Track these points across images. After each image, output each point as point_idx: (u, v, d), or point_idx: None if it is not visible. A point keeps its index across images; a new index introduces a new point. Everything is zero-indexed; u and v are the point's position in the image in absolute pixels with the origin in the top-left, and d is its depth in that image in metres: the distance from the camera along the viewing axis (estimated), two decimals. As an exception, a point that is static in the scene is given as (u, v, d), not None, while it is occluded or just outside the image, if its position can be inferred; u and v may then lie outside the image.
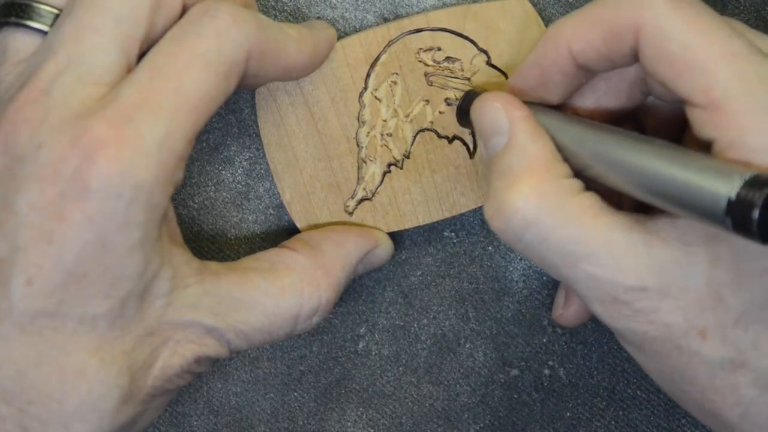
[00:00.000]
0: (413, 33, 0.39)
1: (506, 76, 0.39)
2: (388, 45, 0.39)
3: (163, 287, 0.32)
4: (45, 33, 0.33)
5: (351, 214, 0.40)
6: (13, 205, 0.30)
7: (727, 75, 0.29)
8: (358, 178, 0.40)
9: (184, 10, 0.33)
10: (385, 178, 0.40)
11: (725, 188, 0.27)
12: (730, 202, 0.27)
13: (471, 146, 0.40)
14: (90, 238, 0.30)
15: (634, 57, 0.32)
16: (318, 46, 0.36)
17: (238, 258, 0.38)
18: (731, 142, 0.29)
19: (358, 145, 0.40)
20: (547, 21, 0.40)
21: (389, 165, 0.40)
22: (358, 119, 0.39)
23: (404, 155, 0.40)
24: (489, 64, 0.39)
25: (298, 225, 0.40)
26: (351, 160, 0.40)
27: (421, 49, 0.39)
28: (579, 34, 0.32)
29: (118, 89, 0.31)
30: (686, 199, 0.28)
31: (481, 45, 0.39)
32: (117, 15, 0.32)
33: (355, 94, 0.39)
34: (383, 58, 0.39)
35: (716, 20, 0.30)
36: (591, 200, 0.32)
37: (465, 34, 0.39)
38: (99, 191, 0.30)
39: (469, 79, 0.39)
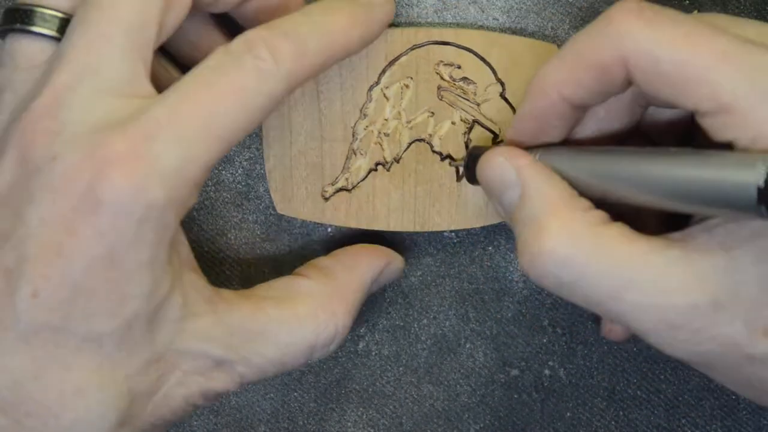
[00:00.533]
0: (439, 44, 0.39)
1: (515, 112, 0.39)
2: (412, 48, 0.39)
3: (173, 313, 0.32)
4: (51, 38, 0.32)
5: (327, 200, 0.40)
6: (25, 215, 0.30)
7: (726, 75, 0.29)
8: (344, 167, 0.40)
9: (194, 5, 0.33)
10: (369, 175, 0.40)
11: (752, 177, 0.27)
12: (759, 190, 0.27)
13: (461, 170, 0.40)
14: (99, 253, 0.30)
15: (628, 83, 0.31)
16: (370, 30, 0.35)
17: (238, 259, 0.38)
18: (752, 138, 0.28)
19: (353, 135, 0.39)
20: (547, 24, 0.40)
21: (377, 164, 0.40)
22: (361, 111, 0.39)
23: (395, 158, 0.40)
24: (502, 96, 0.39)
25: (273, 195, 0.40)
26: (342, 148, 0.39)
27: (441, 62, 0.39)
28: (567, 79, 0.32)
29: (146, 107, 0.31)
30: (717, 197, 0.28)
31: (500, 75, 0.39)
32: (128, 21, 0.31)
33: (365, 86, 0.39)
34: (403, 59, 0.39)
35: (695, 25, 0.30)
36: (621, 228, 0.31)
37: (488, 60, 0.39)
38: (111, 206, 0.29)
39: (478, 105, 0.39)
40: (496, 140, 0.39)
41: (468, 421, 0.43)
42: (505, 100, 0.39)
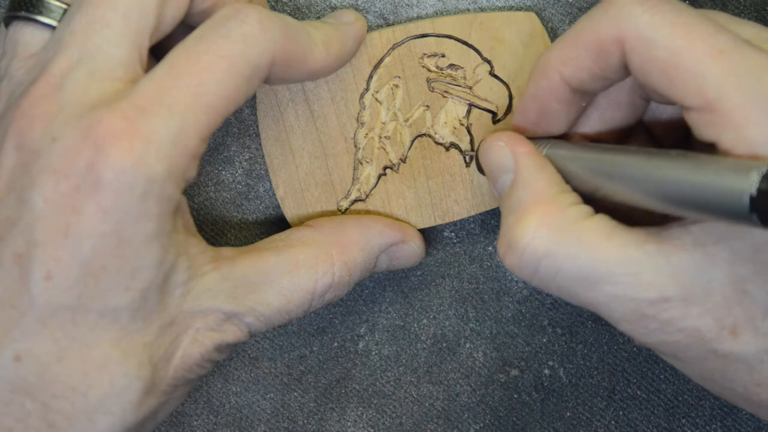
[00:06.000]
0: (418, 38, 0.39)
1: (508, 87, 0.39)
2: (393, 48, 0.39)
3: (180, 277, 0.33)
4: (54, 28, 0.33)
5: (344, 213, 0.40)
6: (29, 200, 0.30)
7: (717, 73, 0.29)
8: (353, 179, 0.40)
9: (191, 2, 0.33)
10: (380, 181, 0.40)
11: (745, 185, 0.27)
12: (752, 198, 0.27)
13: (467, 155, 0.40)
14: (106, 230, 0.30)
15: (625, 70, 0.32)
16: (345, 47, 0.36)
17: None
18: (733, 141, 0.29)
19: (355, 146, 0.40)
20: (547, 24, 0.40)
21: (385, 168, 0.40)
22: (357, 120, 0.39)
23: (401, 159, 0.40)
24: (492, 74, 0.39)
25: (289, 220, 0.40)
26: (347, 160, 0.40)
27: (425, 54, 0.39)
28: (567, 59, 0.32)
29: (136, 84, 0.31)
30: (709, 203, 0.28)
31: (485, 55, 0.39)
32: (126, 8, 0.32)
33: (356, 95, 0.39)
34: (387, 60, 0.39)
35: (697, 18, 0.30)
36: (601, 222, 0.32)
37: (470, 42, 0.39)
38: (112, 183, 0.30)
39: (470, 88, 0.39)
40: (495, 118, 0.40)
41: (468, 420, 0.43)
42: (496, 77, 0.39)
